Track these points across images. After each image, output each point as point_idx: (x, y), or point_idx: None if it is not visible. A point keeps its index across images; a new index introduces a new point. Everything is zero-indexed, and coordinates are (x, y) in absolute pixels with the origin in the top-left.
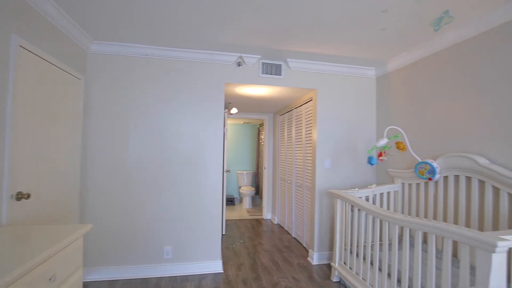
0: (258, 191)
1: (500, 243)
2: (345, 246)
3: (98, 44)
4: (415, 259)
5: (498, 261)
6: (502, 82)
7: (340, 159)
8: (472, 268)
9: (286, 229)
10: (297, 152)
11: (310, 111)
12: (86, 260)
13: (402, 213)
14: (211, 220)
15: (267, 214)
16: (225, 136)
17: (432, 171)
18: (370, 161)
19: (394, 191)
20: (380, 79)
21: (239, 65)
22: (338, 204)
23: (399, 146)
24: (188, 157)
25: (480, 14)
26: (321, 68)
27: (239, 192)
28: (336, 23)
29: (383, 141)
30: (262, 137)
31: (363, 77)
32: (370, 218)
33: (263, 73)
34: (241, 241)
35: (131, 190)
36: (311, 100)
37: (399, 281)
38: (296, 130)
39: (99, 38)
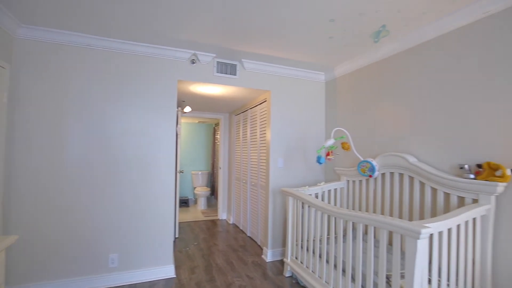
0: (213, 192)
1: (423, 231)
2: (296, 241)
3: (27, 28)
4: (357, 250)
5: (422, 245)
6: (426, 92)
7: (292, 158)
8: (404, 254)
9: (241, 228)
10: (252, 152)
11: (264, 112)
12: (11, 277)
13: (347, 208)
14: (162, 224)
15: (222, 215)
16: (178, 136)
17: (372, 169)
18: (318, 160)
19: (340, 188)
20: (329, 84)
21: (193, 63)
22: (290, 201)
23: (344, 146)
24: (138, 157)
25: (410, 30)
26: (275, 71)
27: (193, 193)
28: (287, 29)
29: (330, 142)
30: (218, 136)
31: (314, 81)
32: (319, 214)
33: (217, 72)
34: (195, 243)
35: (70, 194)
36: (265, 101)
37: (344, 270)
38: (251, 130)
39: (29, 21)
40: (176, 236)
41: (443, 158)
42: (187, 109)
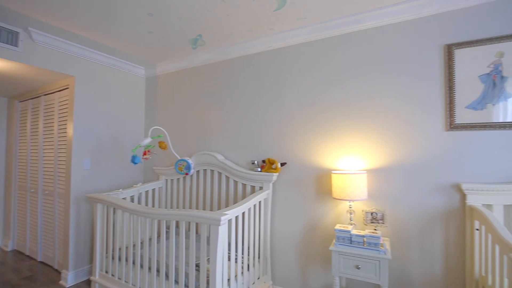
0: None
1: (222, 218)
2: (107, 253)
3: None
4: (170, 247)
5: (222, 230)
6: (229, 102)
7: (104, 158)
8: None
9: (28, 254)
10: (46, 151)
11: (66, 101)
12: None
13: (166, 207)
14: None
15: None
16: None
17: (188, 167)
18: (133, 160)
19: (159, 188)
20: (149, 80)
21: None
22: (99, 208)
23: (161, 145)
24: None
25: (222, 46)
26: (83, 53)
27: None
28: (100, 5)
29: (147, 141)
30: None
31: (133, 74)
32: (133, 217)
33: None
34: None
35: None
36: (68, 88)
37: (158, 270)
38: (45, 123)
39: None
40: None
41: (241, 156)
42: None
